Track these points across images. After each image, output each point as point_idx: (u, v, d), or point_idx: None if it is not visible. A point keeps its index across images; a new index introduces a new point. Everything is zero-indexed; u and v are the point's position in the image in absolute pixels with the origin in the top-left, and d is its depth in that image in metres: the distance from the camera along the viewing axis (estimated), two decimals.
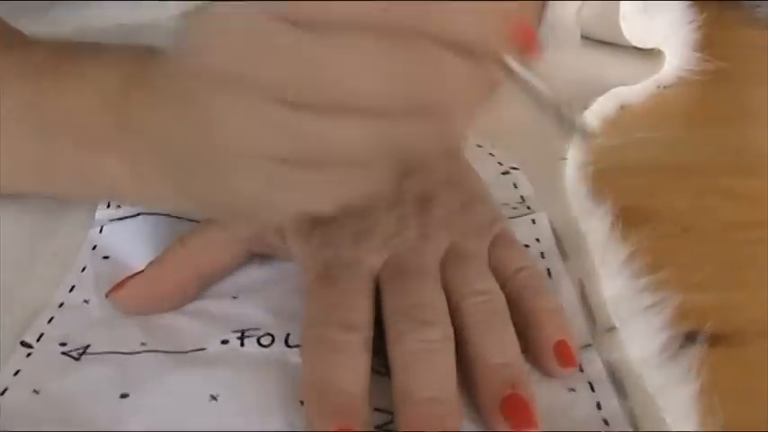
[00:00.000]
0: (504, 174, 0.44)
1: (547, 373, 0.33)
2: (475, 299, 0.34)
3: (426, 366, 0.31)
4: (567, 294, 0.36)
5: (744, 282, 0.39)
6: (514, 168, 0.44)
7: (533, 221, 0.41)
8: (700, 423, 0.30)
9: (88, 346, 0.34)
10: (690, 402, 0.31)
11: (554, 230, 0.40)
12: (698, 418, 0.30)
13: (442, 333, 0.32)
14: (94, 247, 0.39)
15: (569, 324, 0.34)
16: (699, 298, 0.36)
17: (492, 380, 0.31)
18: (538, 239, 0.40)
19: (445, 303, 0.34)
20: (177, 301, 0.36)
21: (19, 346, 0.34)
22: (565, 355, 0.33)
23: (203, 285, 0.37)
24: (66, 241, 0.40)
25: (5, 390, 0.32)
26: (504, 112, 0.45)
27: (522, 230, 0.39)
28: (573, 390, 0.32)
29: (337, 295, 0.34)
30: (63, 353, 0.33)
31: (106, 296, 0.36)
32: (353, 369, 0.31)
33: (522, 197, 0.43)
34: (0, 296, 0.36)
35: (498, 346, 0.32)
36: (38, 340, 0.34)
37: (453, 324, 0.33)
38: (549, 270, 0.37)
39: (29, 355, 0.33)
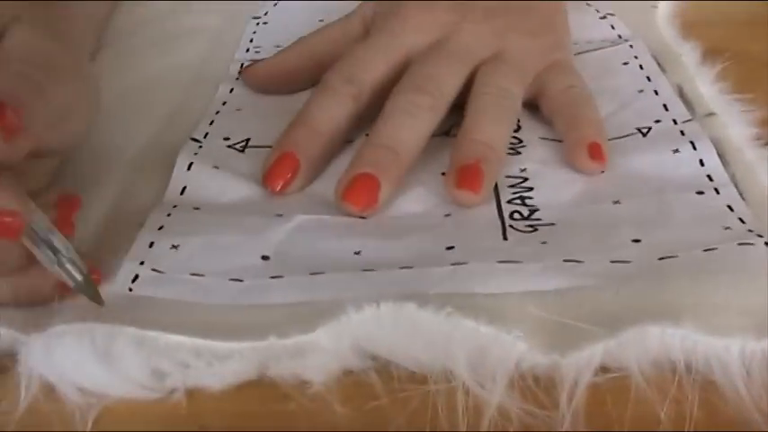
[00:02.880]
0: (601, 18, 0.50)
1: (577, 168, 0.37)
2: (489, 90, 0.38)
3: (400, 122, 0.36)
4: (665, 89, 0.42)
5: None
6: (611, 14, 0.50)
7: (631, 46, 0.47)
8: None
9: (249, 139, 0.41)
10: None
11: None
12: None
13: (430, 102, 0.37)
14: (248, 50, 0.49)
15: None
16: None
17: (464, 149, 0.35)
18: (636, 56, 0.46)
19: (456, 86, 0.38)
20: (295, 82, 0.45)
21: (189, 140, 0.40)
22: (596, 151, 0.36)
23: (319, 74, 0.42)
24: None
25: (191, 164, 0.38)
26: None
27: (619, 54, 0.46)
28: (677, 150, 0.37)
29: (357, 55, 0.40)
30: (228, 146, 0.40)
31: (239, 73, 0.46)
32: (332, 112, 0.38)
33: (619, 35, 0.49)
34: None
35: (487, 129, 0.36)
36: (204, 137, 0.41)
37: (466, 111, 0.37)
38: (648, 77, 0.43)
39: (200, 147, 0.40)
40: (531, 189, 0.36)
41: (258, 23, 0.52)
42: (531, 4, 0.43)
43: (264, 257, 0.32)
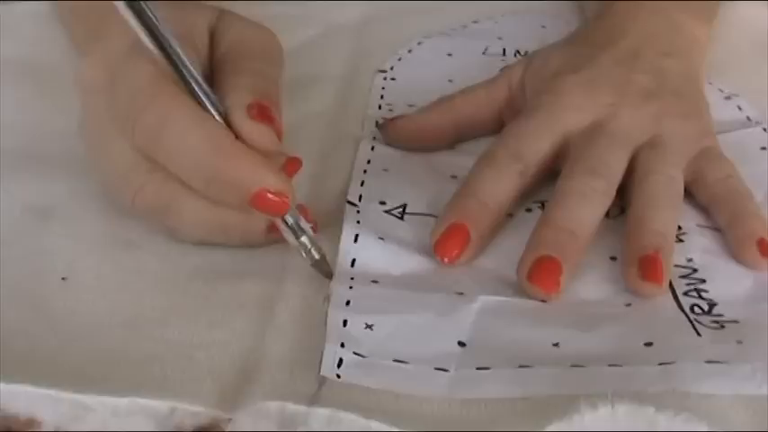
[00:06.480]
0: (726, 99, 0.50)
1: (747, 264, 0.37)
2: (657, 177, 0.38)
3: (578, 204, 0.37)
4: None
5: None
6: (735, 95, 0.50)
7: (764, 129, 0.47)
8: None
9: (405, 205, 0.41)
10: None
11: None
12: None
13: (605, 186, 0.38)
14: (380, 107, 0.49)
15: None
16: None
17: (642, 239, 0.36)
18: None
19: (622, 170, 0.39)
20: (435, 141, 0.45)
21: (346, 204, 0.40)
22: (766, 248, 0.36)
23: (459, 134, 0.45)
24: None
25: (357, 236, 0.38)
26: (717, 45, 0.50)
27: (754, 138, 0.46)
28: None
29: (521, 131, 0.41)
30: (385, 211, 0.40)
31: (380, 127, 0.46)
32: (500, 186, 0.38)
33: (748, 117, 0.49)
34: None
35: (660, 218, 0.37)
36: (359, 200, 0.41)
37: (630, 197, 0.38)
38: None
39: (358, 212, 0.40)
40: (703, 281, 0.36)
41: (385, 78, 0.52)
42: (681, 86, 0.44)
43: (461, 344, 0.33)
